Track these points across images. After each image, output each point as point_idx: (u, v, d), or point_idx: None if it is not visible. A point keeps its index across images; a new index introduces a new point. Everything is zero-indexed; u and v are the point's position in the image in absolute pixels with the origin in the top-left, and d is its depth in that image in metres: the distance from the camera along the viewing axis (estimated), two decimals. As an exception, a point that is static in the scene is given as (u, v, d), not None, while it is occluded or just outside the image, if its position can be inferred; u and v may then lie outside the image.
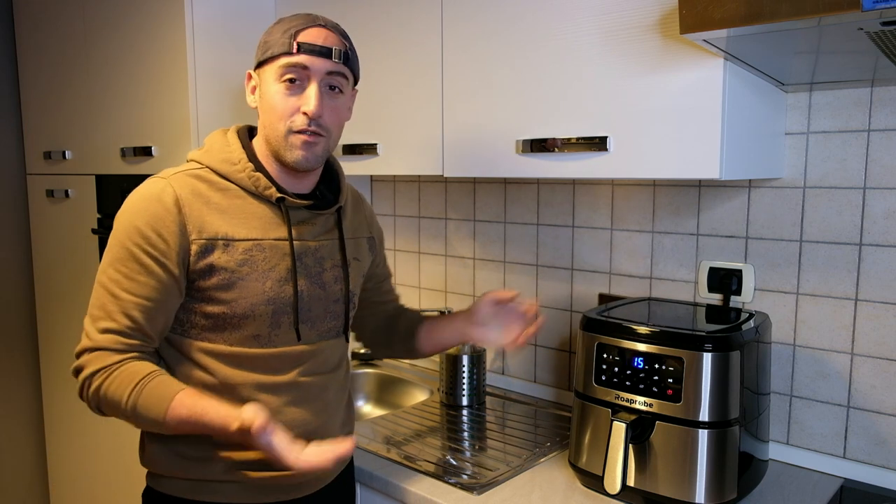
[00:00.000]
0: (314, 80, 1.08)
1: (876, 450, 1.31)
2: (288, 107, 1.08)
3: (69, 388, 2.34)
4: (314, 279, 1.15)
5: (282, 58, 1.07)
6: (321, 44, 1.08)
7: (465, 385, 1.75)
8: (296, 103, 1.08)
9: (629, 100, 1.19)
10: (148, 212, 1.05)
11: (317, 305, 1.15)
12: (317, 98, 1.07)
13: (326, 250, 1.18)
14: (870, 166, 1.29)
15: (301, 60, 1.07)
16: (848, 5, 0.76)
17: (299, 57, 1.07)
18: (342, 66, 1.10)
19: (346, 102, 1.14)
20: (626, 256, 1.62)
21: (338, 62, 1.09)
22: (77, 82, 2.08)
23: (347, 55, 1.11)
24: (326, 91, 1.09)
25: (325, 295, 1.17)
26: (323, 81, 1.08)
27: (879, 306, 1.29)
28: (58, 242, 2.29)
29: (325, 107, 1.09)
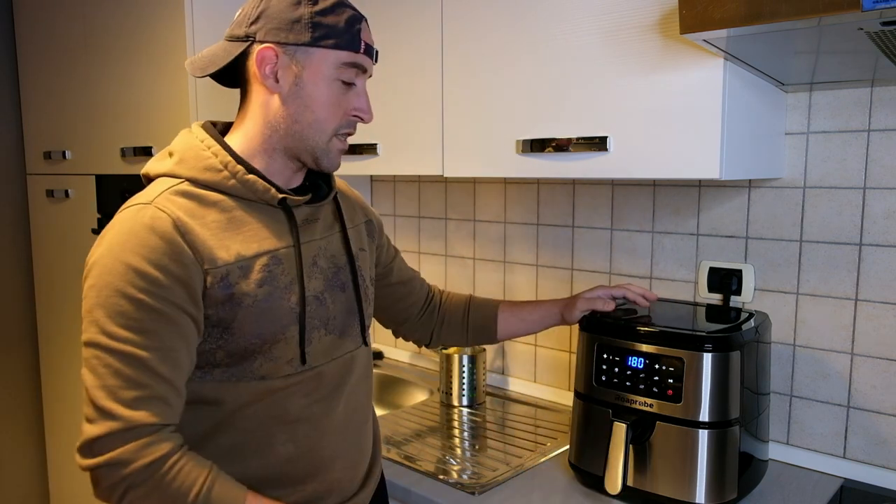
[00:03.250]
0: (363, 82, 1.00)
1: (876, 450, 1.31)
2: (341, 108, 0.98)
3: (69, 388, 2.34)
4: (332, 281, 1.03)
5: (344, 53, 0.95)
6: (373, 44, 0.99)
7: (465, 385, 1.75)
8: (346, 104, 0.98)
9: (629, 100, 1.19)
10: (141, 246, 0.87)
11: (341, 309, 1.04)
12: (369, 102, 1.00)
13: (335, 247, 1.06)
14: (870, 166, 1.29)
15: (363, 62, 0.98)
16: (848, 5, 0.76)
17: (363, 58, 0.97)
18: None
19: None
20: (626, 256, 1.62)
21: (374, 64, 1.03)
22: (77, 82, 2.09)
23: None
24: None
25: (345, 297, 1.05)
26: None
27: (879, 306, 1.29)
28: (58, 242, 2.29)
29: None
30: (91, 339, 0.86)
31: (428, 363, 2.08)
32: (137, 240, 0.87)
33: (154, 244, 0.87)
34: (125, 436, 0.84)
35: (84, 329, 0.87)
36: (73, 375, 2.32)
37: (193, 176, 0.94)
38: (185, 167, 0.95)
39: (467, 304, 1.35)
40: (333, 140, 0.99)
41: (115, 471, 0.83)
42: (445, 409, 1.75)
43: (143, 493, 0.84)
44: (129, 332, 0.85)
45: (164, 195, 0.92)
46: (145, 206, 0.90)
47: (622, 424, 1.15)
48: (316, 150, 0.98)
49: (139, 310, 0.85)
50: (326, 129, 0.97)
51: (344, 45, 0.94)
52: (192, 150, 0.96)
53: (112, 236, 0.89)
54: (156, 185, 0.95)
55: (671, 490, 1.18)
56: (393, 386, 2.00)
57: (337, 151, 1.00)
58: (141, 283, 0.86)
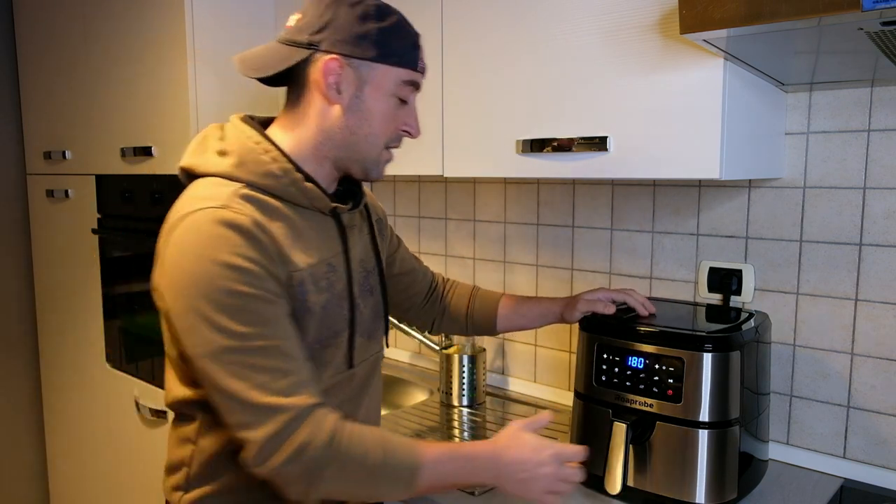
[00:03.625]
0: (414, 98, 1.02)
1: (876, 450, 1.31)
2: (395, 123, 1.00)
3: (69, 388, 2.34)
4: (363, 286, 1.05)
5: (405, 71, 0.98)
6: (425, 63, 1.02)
7: (465, 385, 1.75)
8: (399, 119, 1.00)
9: (629, 100, 1.19)
10: (229, 244, 0.85)
11: (370, 313, 1.07)
12: (418, 118, 1.03)
13: (365, 251, 1.08)
14: (870, 166, 1.29)
15: (419, 80, 1.01)
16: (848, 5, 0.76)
17: (419, 76, 1.00)
18: None
19: None
20: (626, 256, 1.62)
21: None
22: (77, 82, 2.09)
23: None
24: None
25: (374, 300, 1.08)
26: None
27: (879, 306, 1.29)
28: (58, 242, 2.29)
29: None
30: (217, 345, 0.83)
31: (428, 363, 2.08)
32: (222, 239, 0.85)
33: (240, 241, 0.86)
34: (294, 424, 0.83)
35: (199, 341, 0.84)
36: (73, 376, 2.32)
37: (253, 181, 0.93)
38: (244, 171, 0.93)
39: (470, 297, 1.38)
40: (384, 152, 1.01)
41: (300, 459, 0.83)
42: (445, 409, 1.75)
43: (334, 470, 0.85)
44: (253, 326, 0.84)
45: (234, 199, 0.89)
46: (219, 209, 0.87)
47: (622, 424, 1.15)
48: (367, 161, 1.00)
49: (252, 302, 0.85)
50: (379, 143, 0.99)
51: (406, 63, 0.97)
52: (252, 154, 0.94)
53: (192, 242, 0.86)
54: (216, 187, 0.91)
55: (671, 490, 1.18)
56: (393, 386, 2.00)
57: (384, 163, 1.02)
58: (242, 276, 0.84)
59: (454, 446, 0.95)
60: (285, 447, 0.83)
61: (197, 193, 0.92)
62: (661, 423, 1.18)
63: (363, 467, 0.87)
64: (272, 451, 0.83)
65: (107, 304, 2.10)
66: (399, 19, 0.98)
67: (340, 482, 0.86)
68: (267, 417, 0.83)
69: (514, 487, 0.95)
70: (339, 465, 0.85)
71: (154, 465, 2.01)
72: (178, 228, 0.88)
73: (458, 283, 1.41)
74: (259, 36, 1.84)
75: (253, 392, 0.83)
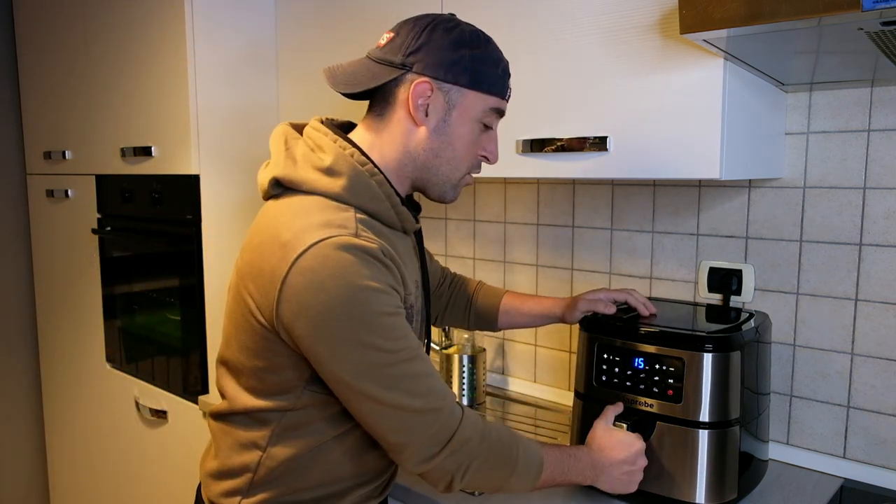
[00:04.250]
0: (497, 124, 1.03)
1: (876, 450, 1.31)
2: (476, 148, 1.02)
3: (69, 388, 2.34)
4: (428, 297, 1.13)
5: (493, 99, 0.99)
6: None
7: (465, 385, 1.75)
8: (480, 145, 1.02)
9: (629, 100, 1.19)
10: (369, 269, 0.88)
11: (426, 321, 1.13)
12: (497, 145, 1.04)
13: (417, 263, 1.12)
14: (870, 166, 1.29)
15: (505, 108, 1.02)
16: (848, 5, 0.76)
17: (506, 104, 1.02)
18: None
19: None
20: (626, 256, 1.62)
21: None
22: (77, 82, 2.09)
23: None
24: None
25: (420, 307, 1.12)
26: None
27: (879, 306, 1.29)
28: (58, 242, 2.29)
29: None
30: (372, 365, 0.88)
31: (428, 363, 2.08)
32: (359, 266, 0.87)
33: (375, 266, 0.89)
34: (452, 421, 0.92)
35: (348, 366, 0.88)
36: (73, 376, 2.32)
37: (362, 205, 0.95)
38: (354, 195, 0.94)
39: (473, 292, 1.41)
40: (464, 177, 1.03)
41: (460, 453, 0.93)
42: (445, 409, 1.75)
43: (480, 462, 0.95)
44: (400, 340, 0.90)
45: (358, 225, 0.91)
46: (353, 237, 0.89)
47: (623, 424, 1.15)
48: (446, 184, 1.02)
49: (395, 319, 0.90)
50: (461, 167, 1.01)
51: (495, 91, 0.98)
52: (361, 178, 0.95)
53: (331, 270, 0.86)
54: (332, 211, 0.92)
55: (671, 490, 1.18)
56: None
57: (461, 186, 1.04)
58: (387, 298, 0.89)
59: (563, 448, 1.07)
60: (449, 444, 0.92)
61: (315, 218, 0.91)
62: (661, 423, 1.18)
63: (505, 461, 0.97)
64: (437, 449, 0.92)
65: (107, 304, 2.10)
66: (491, 46, 0.99)
67: (483, 473, 0.96)
68: (428, 419, 0.91)
69: (613, 485, 1.10)
70: (484, 458, 0.95)
71: (154, 465, 2.01)
72: (308, 256, 0.87)
73: (461, 278, 1.43)
74: (259, 36, 1.84)
75: (411, 399, 0.90)
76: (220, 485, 1.03)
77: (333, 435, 1.00)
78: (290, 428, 0.98)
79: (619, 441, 1.11)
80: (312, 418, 0.98)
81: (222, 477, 1.03)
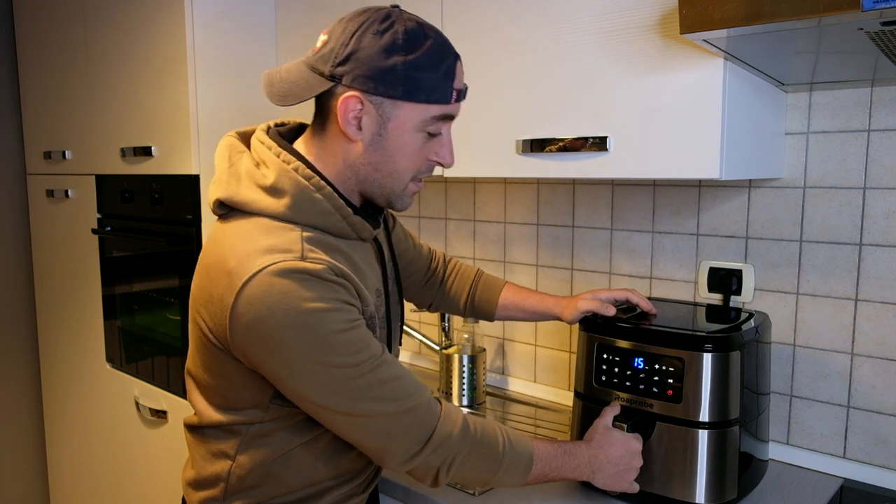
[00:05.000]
0: (449, 126, 0.96)
1: (876, 450, 1.31)
2: (422, 156, 0.95)
3: (69, 388, 2.34)
4: (398, 298, 1.10)
5: (435, 107, 0.91)
6: (465, 85, 0.94)
7: (465, 385, 1.75)
8: (427, 151, 0.95)
9: (629, 100, 1.19)
10: (314, 291, 0.85)
11: (397, 319, 1.10)
12: (451, 147, 0.97)
13: (386, 260, 1.08)
14: (870, 166, 1.29)
15: (453, 111, 0.94)
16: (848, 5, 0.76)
17: (453, 108, 0.93)
18: None
19: None
20: (626, 256, 1.62)
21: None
22: (77, 82, 2.09)
23: None
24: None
25: (394, 304, 1.10)
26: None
27: (879, 306, 1.29)
28: (58, 242, 2.29)
29: None
30: (336, 383, 0.87)
31: (428, 363, 2.08)
32: (305, 290, 0.84)
33: (324, 287, 0.86)
34: (429, 418, 0.92)
35: (313, 388, 0.87)
36: (73, 376, 2.32)
37: (310, 222, 0.91)
38: (299, 214, 0.91)
39: (473, 281, 1.39)
40: (410, 185, 0.97)
41: (442, 450, 0.93)
42: (445, 409, 1.75)
43: (464, 456, 0.94)
44: (358, 355, 0.88)
45: (305, 247, 0.88)
46: (298, 261, 0.86)
47: (622, 425, 1.15)
48: (392, 195, 0.97)
49: (350, 334, 0.88)
50: (405, 178, 0.96)
51: (436, 98, 0.90)
52: (306, 195, 0.91)
53: (277, 300, 0.84)
54: (277, 233, 0.89)
55: (671, 490, 1.18)
56: (393, 386, 2.00)
57: (412, 194, 0.99)
58: (335, 316, 0.86)
59: (558, 443, 1.07)
60: (430, 441, 0.92)
61: (260, 243, 0.88)
62: (661, 423, 1.18)
63: (490, 455, 0.97)
64: (418, 449, 0.92)
65: (107, 304, 2.10)
66: (432, 47, 0.89)
67: (468, 467, 0.96)
68: (404, 422, 0.91)
69: (607, 481, 1.12)
70: (470, 452, 0.95)
71: (154, 465, 2.01)
72: (254, 284, 0.85)
73: (461, 265, 1.41)
74: (259, 36, 1.84)
75: (383, 406, 0.89)
76: (198, 494, 1.03)
77: (301, 442, 0.99)
78: (257, 437, 0.97)
79: (617, 440, 1.13)
80: (279, 427, 0.97)
81: (199, 486, 1.03)
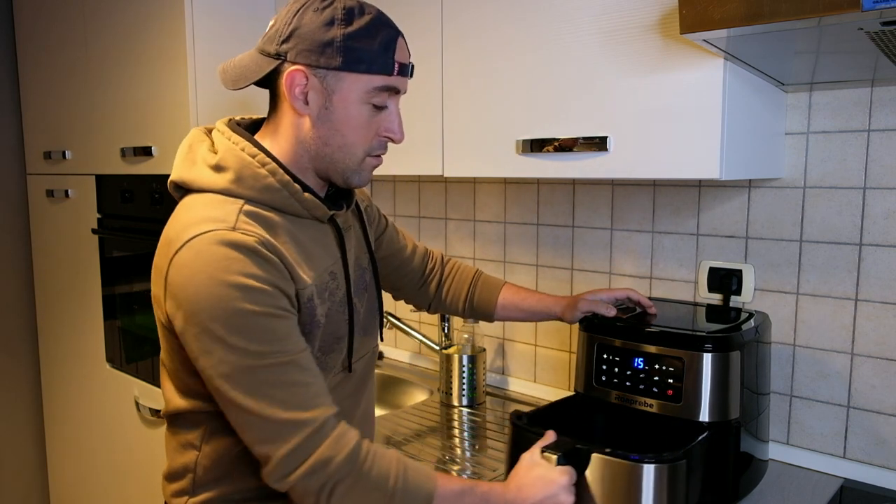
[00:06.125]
0: (396, 101, 0.97)
1: (876, 450, 1.31)
2: (371, 130, 0.95)
3: (69, 388, 2.34)
4: (359, 283, 1.06)
5: (377, 77, 0.92)
6: (409, 62, 0.96)
7: (465, 385, 1.75)
8: (377, 125, 0.96)
9: (629, 100, 1.19)
10: (240, 266, 0.84)
11: (367, 308, 1.07)
12: (401, 122, 0.97)
13: (359, 249, 1.08)
14: (870, 166, 1.29)
15: (397, 84, 0.94)
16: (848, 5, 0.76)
17: (396, 80, 0.94)
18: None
19: None
20: (626, 256, 1.62)
21: (409, 79, 0.98)
22: (77, 82, 2.09)
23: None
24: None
25: (368, 296, 1.08)
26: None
27: (879, 306, 1.29)
28: (58, 242, 2.29)
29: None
30: (234, 366, 0.84)
31: (428, 363, 2.08)
32: (232, 261, 0.84)
33: (250, 262, 0.85)
34: (316, 438, 0.85)
35: (214, 365, 0.85)
36: (73, 376, 2.32)
37: (253, 196, 0.92)
38: (243, 187, 0.92)
39: (472, 282, 1.37)
40: (366, 160, 0.97)
41: (320, 474, 0.85)
42: (445, 409, 1.75)
43: (347, 487, 0.86)
44: (268, 344, 0.85)
45: (240, 218, 0.89)
46: (226, 230, 0.86)
47: (552, 456, 1.04)
48: (346, 171, 0.97)
49: (264, 320, 0.85)
50: (356, 152, 0.96)
51: (376, 69, 0.91)
52: (249, 169, 0.92)
53: (201, 265, 0.85)
54: (217, 206, 0.90)
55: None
56: (393, 386, 2.00)
57: (370, 169, 0.99)
58: (253, 296, 0.84)
59: (471, 482, 0.96)
60: (308, 462, 0.85)
61: (199, 213, 0.90)
62: (661, 424, 1.17)
63: (379, 488, 0.88)
64: (294, 466, 0.85)
65: (107, 304, 2.10)
66: (372, 20, 0.92)
67: (353, 499, 0.87)
68: (289, 433, 0.85)
69: None
70: (354, 483, 0.86)
71: (154, 465, 2.01)
72: (184, 250, 0.86)
73: (459, 266, 1.39)
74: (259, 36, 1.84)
75: (273, 409, 0.84)
76: (171, 486, 1.02)
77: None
78: (219, 428, 0.96)
79: (540, 477, 1.00)
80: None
81: (171, 478, 1.02)
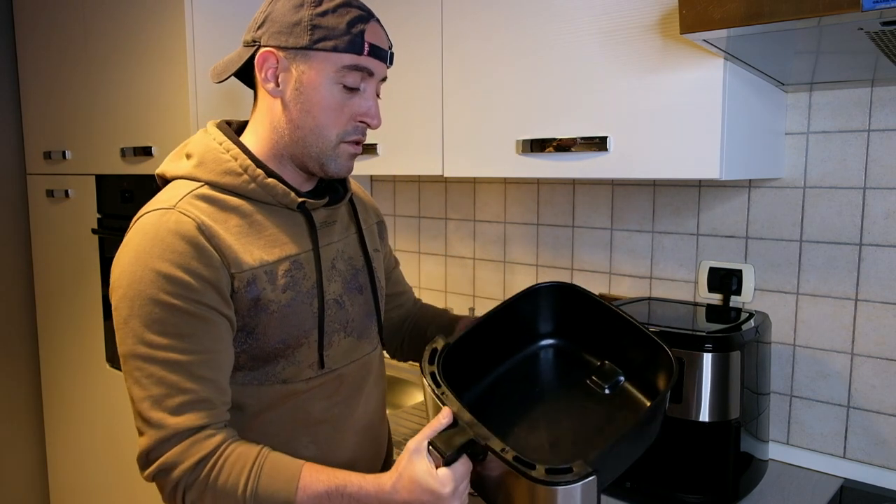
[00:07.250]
0: (372, 85, 0.96)
1: (876, 450, 1.31)
2: (344, 113, 0.94)
3: (69, 388, 2.34)
4: (350, 284, 1.03)
5: (346, 56, 0.92)
6: (384, 46, 0.95)
7: (465, 385, 1.75)
8: (351, 109, 0.95)
9: (629, 100, 1.19)
10: (168, 251, 0.85)
11: (360, 311, 1.04)
12: (377, 107, 0.97)
13: (352, 249, 1.06)
14: (870, 166, 1.29)
15: (368, 65, 0.93)
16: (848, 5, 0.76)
17: (368, 60, 0.93)
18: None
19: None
20: (626, 256, 1.62)
21: (389, 66, 0.98)
22: (77, 82, 2.09)
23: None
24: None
25: (363, 298, 1.05)
26: (376, 87, 0.97)
27: (879, 306, 1.29)
28: (58, 242, 2.29)
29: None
30: (130, 350, 0.85)
31: (428, 363, 2.08)
32: (164, 245, 0.86)
33: (181, 248, 0.86)
34: (167, 443, 0.85)
35: (121, 341, 0.87)
36: (73, 376, 2.32)
37: (213, 180, 0.93)
38: (204, 171, 0.93)
39: (405, 326, 1.27)
40: (342, 146, 0.95)
41: (167, 475, 0.85)
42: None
43: (197, 494, 0.85)
44: (167, 338, 0.85)
45: (186, 199, 0.90)
46: (168, 210, 0.88)
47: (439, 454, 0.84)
48: (321, 156, 0.95)
49: (174, 315, 0.85)
50: (329, 136, 0.94)
51: (343, 47, 0.91)
52: (212, 153, 0.94)
53: (137, 244, 0.87)
54: (175, 189, 0.92)
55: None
56: (393, 386, 2.00)
57: (347, 156, 0.97)
58: (172, 287, 0.85)
59: (343, 479, 0.86)
60: (155, 464, 0.86)
61: (158, 196, 0.93)
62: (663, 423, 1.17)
63: (229, 496, 0.85)
64: (146, 463, 0.87)
65: (107, 305, 2.10)
66: (342, 2, 0.92)
67: (207, 501, 0.86)
68: (148, 430, 0.85)
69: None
70: (202, 491, 0.85)
71: (154, 465, 2.01)
72: (132, 229, 0.90)
73: (415, 322, 1.27)
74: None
75: (145, 403, 0.85)
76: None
77: (239, 422, 0.94)
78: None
79: (417, 481, 0.83)
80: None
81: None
